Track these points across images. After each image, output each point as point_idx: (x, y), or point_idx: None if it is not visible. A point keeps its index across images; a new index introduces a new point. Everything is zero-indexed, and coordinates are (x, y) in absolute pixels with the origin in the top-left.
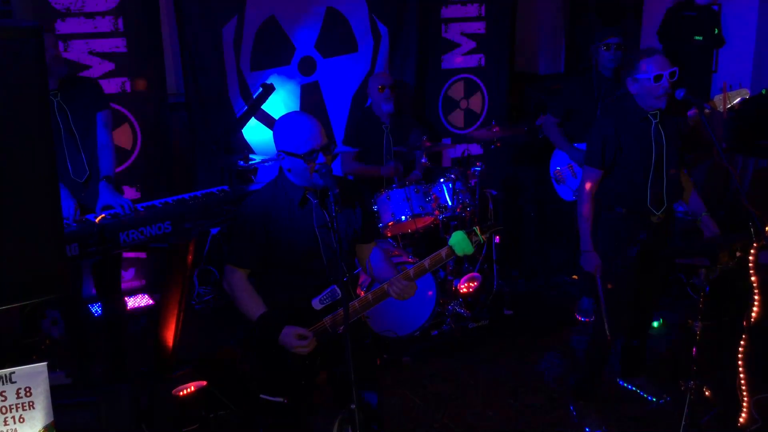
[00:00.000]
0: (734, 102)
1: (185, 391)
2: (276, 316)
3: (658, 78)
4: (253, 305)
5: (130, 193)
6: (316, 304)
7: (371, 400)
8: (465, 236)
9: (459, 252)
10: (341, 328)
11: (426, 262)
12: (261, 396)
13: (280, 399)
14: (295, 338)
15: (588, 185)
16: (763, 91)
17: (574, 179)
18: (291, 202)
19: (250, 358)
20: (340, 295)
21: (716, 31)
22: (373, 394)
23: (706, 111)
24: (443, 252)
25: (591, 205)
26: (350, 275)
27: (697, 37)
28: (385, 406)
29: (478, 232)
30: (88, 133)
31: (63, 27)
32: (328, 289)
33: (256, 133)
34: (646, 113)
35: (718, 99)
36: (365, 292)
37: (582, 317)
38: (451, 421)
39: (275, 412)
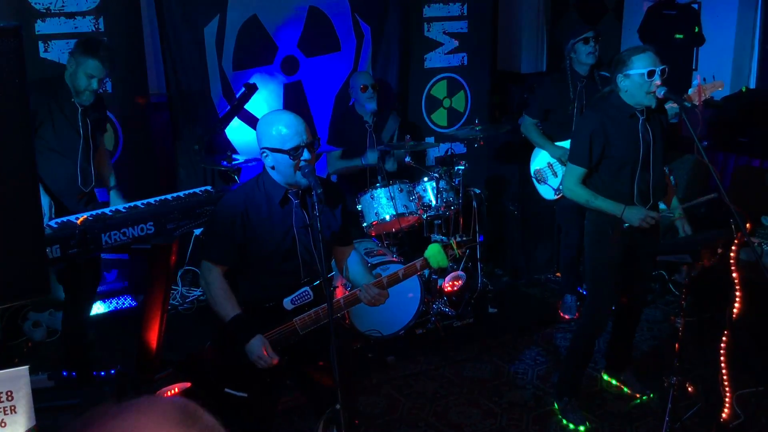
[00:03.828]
0: (709, 94)
1: (169, 393)
2: (249, 321)
3: (651, 74)
4: (226, 305)
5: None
6: (288, 305)
7: None
8: (441, 249)
9: (434, 264)
10: (310, 329)
11: (400, 272)
12: (225, 390)
13: (244, 394)
14: (261, 349)
15: (574, 183)
16: (743, 89)
17: (555, 178)
18: (271, 200)
19: (218, 352)
20: (312, 298)
21: (696, 30)
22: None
23: (687, 108)
24: (418, 263)
25: (585, 188)
26: (330, 276)
27: (677, 36)
28: (370, 405)
29: (455, 247)
30: (98, 145)
31: (43, 27)
32: (301, 290)
33: (239, 133)
34: (634, 110)
35: (694, 93)
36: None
37: (565, 314)
38: (436, 419)
39: (239, 407)
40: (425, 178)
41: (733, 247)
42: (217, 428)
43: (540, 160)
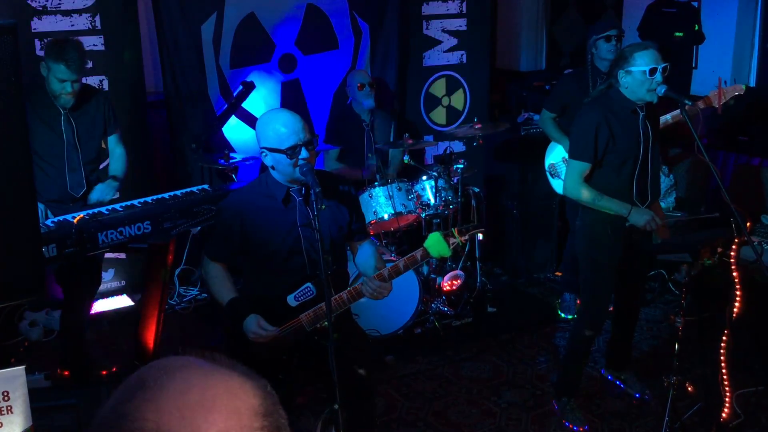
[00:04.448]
0: (729, 98)
1: None
2: (245, 302)
3: (653, 71)
4: (224, 292)
5: None
6: (292, 301)
7: None
8: (441, 238)
9: (434, 254)
10: (319, 324)
11: (401, 263)
12: None
13: None
14: (257, 326)
15: (578, 181)
16: (743, 87)
17: None
18: (274, 199)
19: (228, 347)
20: (315, 294)
21: (696, 28)
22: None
23: (687, 107)
24: (418, 254)
25: (590, 187)
26: (332, 272)
27: (677, 34)
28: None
29: (456, 234)
30: (91, 148)
31: (39, 25)
32: (303, 287)
33: (236, 132)
34: (635, 105)
35: (713, 95)
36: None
37: (564, 313)
38: (435, 419)
39: None
40: (424, 177)
41: (733, 246)
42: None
43: (555, 154)
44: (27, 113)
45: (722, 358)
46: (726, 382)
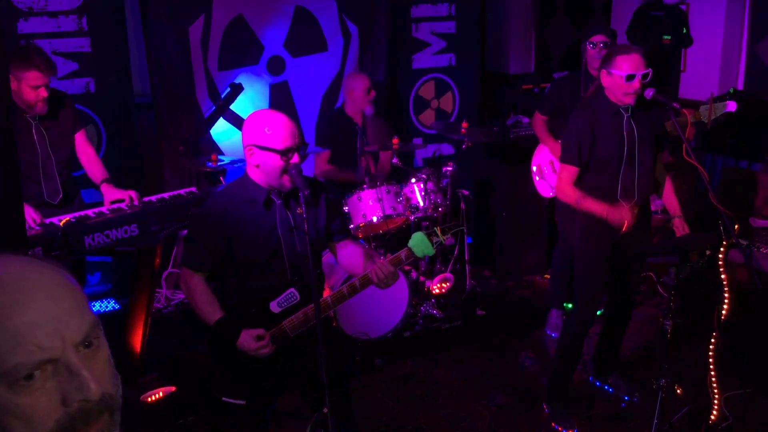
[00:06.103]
0: (719, 114)
1: (153, 397)
2: (233, 321)
3: (630, 78)
4: (209, 309)
5: (95, 195)
6: (274, 308)
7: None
8: (425, 237)
9: (419, 254)
10: (301, 330)
11: (388, 260)
12: (223, 399)
13: (241, 401)
14: (253, 341)
15: (566, 183)
16: (731, 91)
17: (554, 175)
18: (254, 202)
19: (211, 360)
20: (299, 299)
21: (684, 31)
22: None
23: (675, 106)
24: (402, 254)
25: (576, 190)
26: (314, 276)
27: (665, 37)
28: (358, 409)
29: (439, 233)
30: (65, 155)
31: (26, 26)
32: (287, 292)
33: (224, 134)
34: (618, 107)
35: (703, 110)
36: (341, 286)
37: (551, 332)
38: (425, 422)
39: (238, 415)
40: (413, 180)
41: (721, 249)
42: None
43: (542, 156)
44: None
45: (711, 360)
46: (715, 385)
